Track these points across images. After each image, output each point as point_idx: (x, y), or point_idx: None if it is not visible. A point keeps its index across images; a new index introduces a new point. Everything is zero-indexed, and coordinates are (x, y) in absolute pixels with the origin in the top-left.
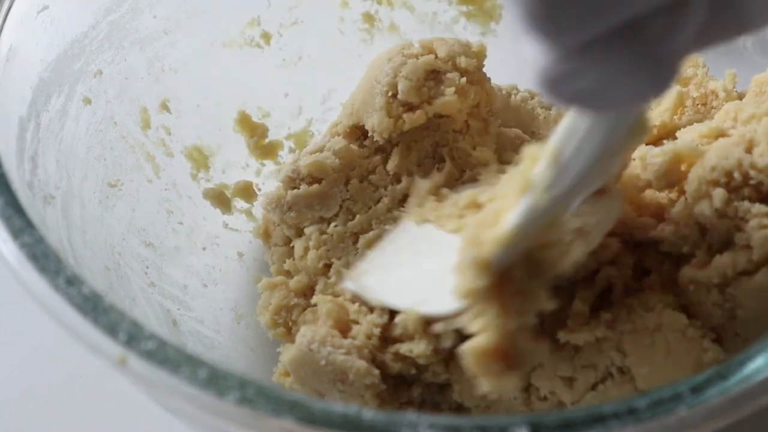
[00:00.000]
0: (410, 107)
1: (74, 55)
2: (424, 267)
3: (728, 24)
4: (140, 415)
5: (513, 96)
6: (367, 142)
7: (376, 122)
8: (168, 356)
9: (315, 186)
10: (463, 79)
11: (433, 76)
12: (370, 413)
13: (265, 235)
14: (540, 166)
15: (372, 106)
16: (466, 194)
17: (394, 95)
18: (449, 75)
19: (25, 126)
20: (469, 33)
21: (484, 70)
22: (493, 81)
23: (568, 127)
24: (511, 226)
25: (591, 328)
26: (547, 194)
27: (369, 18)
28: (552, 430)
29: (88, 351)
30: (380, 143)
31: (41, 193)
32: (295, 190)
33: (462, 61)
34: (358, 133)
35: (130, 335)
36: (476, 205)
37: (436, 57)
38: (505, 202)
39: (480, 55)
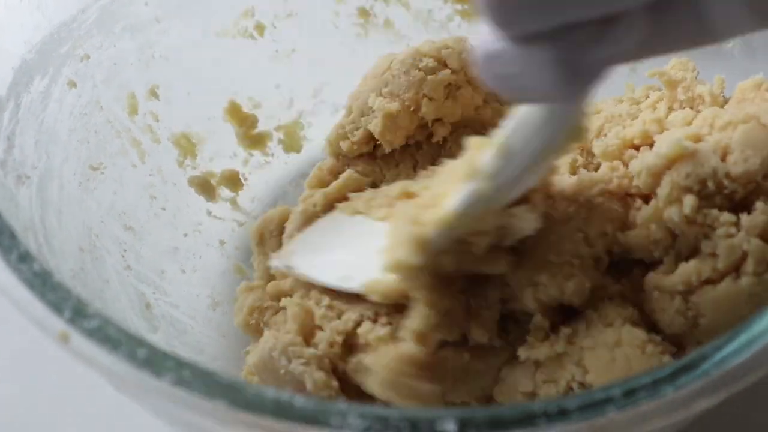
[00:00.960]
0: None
1: (61, 39)
2: (351, 249)
3: (682, 36)
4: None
5: None
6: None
7: (395, 136)
8: (109, 335)
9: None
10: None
11: (448, 91)
12: (301, 400)
13: (260, 238)
14: (487, 156)
15: (393, 121)
16: (398, 185)
17: (416, 111)
18: (462, 91)
19: (4, 106)
20: (463, 31)
21: None
22: None
23: (518, 122)
24: (455, 208)
25: (551, 342)
26: (492, 182)
27: (364, 13)
28: (480, 427)
29: (34, 327)
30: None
31: (15, 172)
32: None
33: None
34: (371, 142)
35: (75, 312)
36: (407, 195)
37: (451, 71)
38: (447, 187)
39: None
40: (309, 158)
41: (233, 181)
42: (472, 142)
